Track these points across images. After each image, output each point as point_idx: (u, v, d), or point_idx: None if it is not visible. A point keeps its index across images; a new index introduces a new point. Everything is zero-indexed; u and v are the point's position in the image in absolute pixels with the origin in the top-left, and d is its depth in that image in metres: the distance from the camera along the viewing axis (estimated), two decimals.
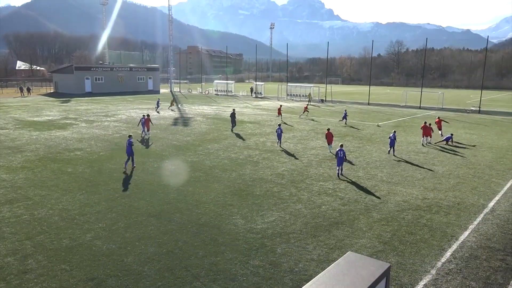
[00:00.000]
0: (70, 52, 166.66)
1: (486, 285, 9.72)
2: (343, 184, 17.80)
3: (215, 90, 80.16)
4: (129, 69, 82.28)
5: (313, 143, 27.30)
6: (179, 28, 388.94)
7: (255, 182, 17.88)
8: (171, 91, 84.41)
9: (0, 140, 27.18)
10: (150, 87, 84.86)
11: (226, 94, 76.45)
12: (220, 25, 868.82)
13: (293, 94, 68.02)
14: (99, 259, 10.71)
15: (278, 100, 65.05)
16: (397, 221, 13.65)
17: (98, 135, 29.32)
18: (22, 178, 18.14)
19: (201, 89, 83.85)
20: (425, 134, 27.36)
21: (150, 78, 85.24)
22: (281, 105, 44.08)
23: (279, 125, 27.92)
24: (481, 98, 53.03)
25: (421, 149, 25.64)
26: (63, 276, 9.82)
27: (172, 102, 51.05)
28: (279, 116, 40.36)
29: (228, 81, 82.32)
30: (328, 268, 6.35)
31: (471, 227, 13.22)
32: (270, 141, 27.96)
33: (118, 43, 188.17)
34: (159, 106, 47.03)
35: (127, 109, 47.26)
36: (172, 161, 21.82)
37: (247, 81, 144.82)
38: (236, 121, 33.85)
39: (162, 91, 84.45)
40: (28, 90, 72.21)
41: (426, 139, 27.56)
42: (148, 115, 29.67)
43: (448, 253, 11.34)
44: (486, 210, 14.81)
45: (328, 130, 25.00)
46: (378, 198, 15.99)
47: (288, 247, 11.54)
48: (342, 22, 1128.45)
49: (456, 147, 26.66)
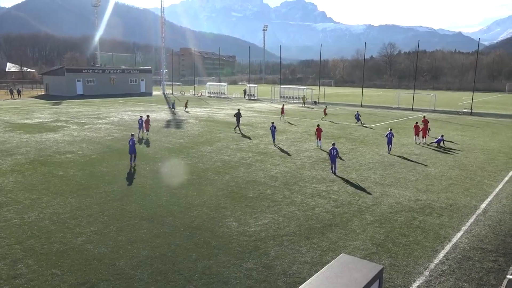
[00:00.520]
0: (61, 54, 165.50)
1: (479, 286, 9.79)
2: (336, 186, 17.86)
3: (208, 92, 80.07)
4: (121, 71, 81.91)
5: (307, 145, 27.36)
6: (171, 30, 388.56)
7: (248, 185, 17.87)
8: (163, 93, 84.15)
9: None
10: (143, 89, 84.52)
11: (219, 96, 76.40)
12: (213, 27, 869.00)
13: (286, 96, 68.19)
14: (90, 263, 10.62)
15: (271, 102, 65.14)
16: (390, 223, 13.71)
17: (89, 138, 29.12)
18: (12, 181, 17.94)
19: (194, 91, 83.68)
20: (417, 133, 28.74)
21: (142, 80, 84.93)
22: (283, 104, 46.31)
23: (272, 123, 28.97)
24: (473, 100, 53.59)
25: (414, 151, 25.82)
26: (54, 281, 9.72)
27: (186, 103, 51.34)
28: (282, 115, 41.78)
29: (221, 83, 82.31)
30: (321, 271, 6.36)
31: (464, 228, 13.32)
32: (263, 143, 27.98)
33: (110, 45, 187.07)
34: (174, 108, 47.98)
35: (119, 112, 47.01)
36: (165, 163, 21.73)
37: (240, 83, 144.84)
38: (240, 120, 35.01)
39: (154, 93, 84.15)
40: (18, 92, 71.53)
41: (418, 139, 28.79)
42: (148, 116, 31.34)
43: (441, 255, 11.41)
44: (478, 212, 14.94)
45: (318, 126, 27.30)
46: (372, 200, 16.05)
47: (281, 250, 11.53)
48: (335, 24, 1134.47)
49: (450, 148, 26.87)
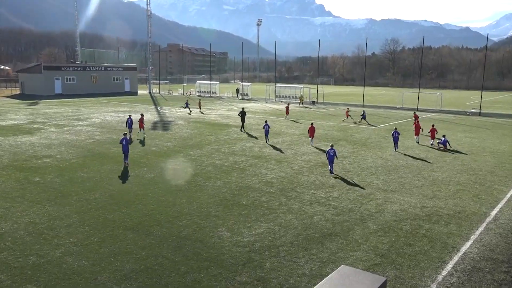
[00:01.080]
0: (38, 50, 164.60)
1: None
2: (336, 192, 17.88)
3: (198, 91, 79.99)
4: (103, 69, 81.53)
5: (304, 148, 27.40)
6: (158, 25, 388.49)
7: (241, 191, 17.84)
8: (150, 93, 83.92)
9: None
10: (127, 88, 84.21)
11: (209, 95, 76.35)
12: (203, 21, 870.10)
13: (282, 96, 68.29)
14: (70, 277, 10.51)
15: (266, 102, 65.22)
16: (394, 231, 13.74)
17: (69, 141, 28.94)
18: None
19: (182, 90, 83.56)
20: (418, 133, 29.87)
21: (126, 78, 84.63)
22: (288, 104, 48.11)
23: (266, 121, 30.31)
24: (482, 100, 54.02)
25: (419, 154, 25.96)
26: None
27: (200, 104, 51.52)
28: (287, 115, 43.42)
29: (212, 82, 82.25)
30: (320, 283, 6.34)
31: (473, 237, 13.39)
32: (258, 146, 27.98)
33: (91, 40, 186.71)
34: (188, 107, 48.55)
35: (101, 112, 46.80)
36: (151, 169, 21.63)
37: (233, 81, 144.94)
38: (245, 119, 35.72)
39: (140, 92, 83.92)
40: None
41: (418, 138, 30.06)
42: (142, 115, 32.72)
43: (449, 266, 11.45)
44: (488, 219, 15.03)
45: (311, 124, 28.94)
46: (374, 207, 16.09)
47: (277, 262, 11.50)
48: (334, 18, 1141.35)
49: (457, 151, 27.03)
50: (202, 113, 48.13)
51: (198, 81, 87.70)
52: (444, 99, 59.00)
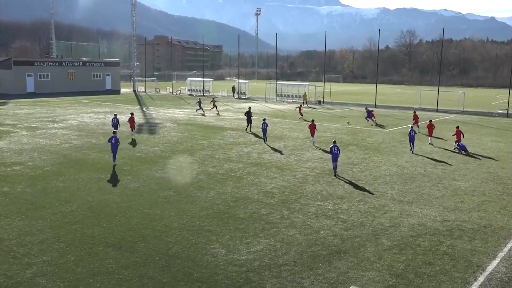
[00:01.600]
0: (8, 43, 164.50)
1: None
2: (345, 203, 17.88)
3: (189, 90, 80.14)
4: (82, 64, 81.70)
5: (309, 154, 27.43)
6: (144, 14, 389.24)
7: (238, 203, 17.82)
8: (134, 91, 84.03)
9: None
10: (109, 86, 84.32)
11: (202, 94, 76.49)
12: (194, 11, 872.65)
13: (284, 95, 68.39)
14: None
15: (266, 102, 65.32)
16: (411, 248, 13.73)
17: (42, 146, 28.92)
18: None
19: (171, 88, 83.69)
20: (431, 134, 31.17)
21: (108, 75, 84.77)
22: (301, 104, 49.21)
23: (264, 119, 32.09)
24: (510, 99, 54.15)
25: (439, 161, 25.99)
26: None
27: (214, 103, 51.50)
28: (301, 117, 44.43)
29: (204, 79, 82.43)
30: None
31: (501, 255, 13.39)
32: (257, 151, 28.01)
33: (68, 32, 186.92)
34: (201, 107, 48.96)
35: (79, 114, 46.82)
36: (135, 177, 21.62)
37: (228, 78, 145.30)
38: (252, 119, 36.44)
39: (123, 90, 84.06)
40: None
41: (431, 140, 31.50)
42: (132, 113, 34.07)
43: (474, 287, 11.43)
44: None
45: (312, 121, 31.16)
46: (389, 220, 16.09)
47: (279, 283, 11.48)
48: (342, 7, 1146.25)
49: (481, 156, 27.09)
50: (218, 114, 48.41)
51: (189, 78, 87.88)
52: (467, 99, 59.20)
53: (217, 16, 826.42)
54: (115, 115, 34.53)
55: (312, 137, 30.92)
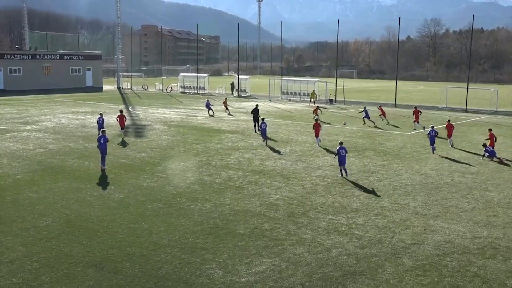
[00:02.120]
0: None
1: None
2: (361, 217, 17.85)
3: (182, 87, 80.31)
4: (58, 57, 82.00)
5: (319, 161, 27.41)
6: (130, 0, 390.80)
7: (237, 216, 17.81)
8: (119, 88, 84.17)
9: None
10: (89, 82, 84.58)
11: (196, 92, 76.66)
12: None
13: (291, 92, 68.34)
14: None
15: (270, 100, 65.39)
16: (437, 269, 13.69)
17: (13, 151, 28.96)
18: None
19: (161, 85, 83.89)
20: (450, 135, 32.21)
21: (89, 69, 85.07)
22: (318, 106, 48.14)
23: (263, 119, 33.65)
24: None
25: (469, 169, 25.95)
26: None
27: (226, 104, 51.91)
28: (316, 116, 43.35)
29: (199, 74, 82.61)
30: None
31: None
32: (259, 157, 28.00)
33: (43, 21, 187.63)
34: (210, 108, 49.08)
35: (56, 114, 46.90)
36: (120, 187, 21.62)
37: (227, 74, 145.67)
38: (259, 118, 36.62)
39: (106, 87, 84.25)
40: None
41: (451, 141, 32.33)
42: (121, 111, 35.57)
43: None
44: None
45: (316, 120, 33.15)
46: (411, 237, 16.04)
47: None
48: None
49: (507, 164, 27.07)
50: (230, 115, 48.81)
51: (182, 74, 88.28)
52: (500, 97, 59.11)
53: (213, 3, 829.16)
54: (101, 114, 35.15)
55: (316, 137, 31.90)
